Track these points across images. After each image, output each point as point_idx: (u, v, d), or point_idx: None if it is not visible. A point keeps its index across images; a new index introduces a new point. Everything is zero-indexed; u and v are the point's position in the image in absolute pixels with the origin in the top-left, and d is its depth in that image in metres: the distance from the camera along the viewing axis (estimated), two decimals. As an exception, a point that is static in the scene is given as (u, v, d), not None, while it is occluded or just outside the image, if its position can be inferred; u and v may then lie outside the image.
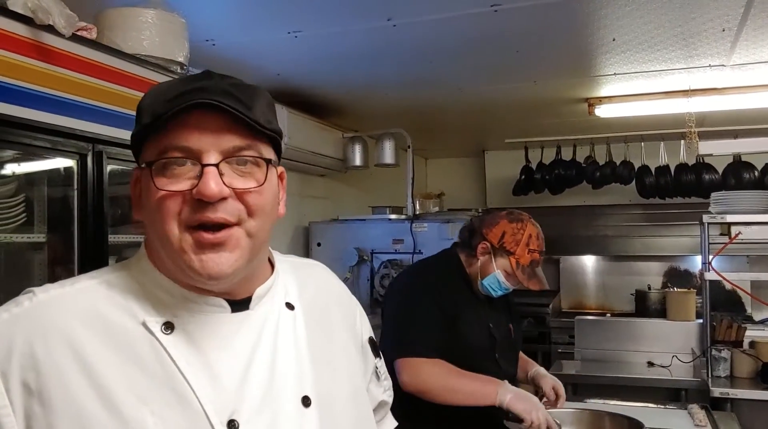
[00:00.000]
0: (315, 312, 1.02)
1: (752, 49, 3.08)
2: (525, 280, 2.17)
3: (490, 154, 6.02)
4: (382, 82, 3.71)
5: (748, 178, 4.58)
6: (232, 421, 0.85)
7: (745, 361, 3.69)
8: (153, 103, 0.87)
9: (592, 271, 5.96)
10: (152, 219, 0.87)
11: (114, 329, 0.86)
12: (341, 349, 1.04)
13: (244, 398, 0.87)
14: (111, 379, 0.83)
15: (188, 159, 0.85)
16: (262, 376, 0.90)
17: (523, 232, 2.18)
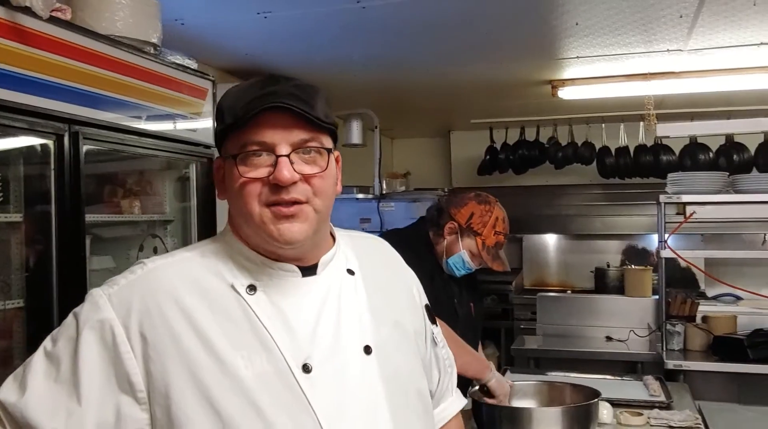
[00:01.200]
0: (373, 276, 1.19)
1: (708, 35, 3.19)
2: (489, 260, 2.24)
3: (455, 135, 6.09)
4: (350, 63, 3.74)
5: (703, 159, 4.73)
6: (306, 365, 1.03)
7: (697, 334, 3.85)
8: (233, 105, 1.05)
9: (554, 249, 6.09)
10: (236, 199, 1.07)
11: (209, 291, 1.06)
12: (399, 309, 1.21)
13: (315, 346, 1.05)
14: (209, 329, 1.02)
15: (264, 151, 1.04)
16: (329, 329, 1.07)
17: (491, 214, 2.24)
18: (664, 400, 2.63)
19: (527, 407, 2.17)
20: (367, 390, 1.07)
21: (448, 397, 1.37)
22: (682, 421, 2.38)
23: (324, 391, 1.03)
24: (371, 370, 1.08)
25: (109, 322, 1.02)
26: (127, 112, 2.20)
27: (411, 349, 1.20)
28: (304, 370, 1.02)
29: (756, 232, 5.16)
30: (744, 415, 2.73)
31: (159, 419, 1.00)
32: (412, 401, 1.15)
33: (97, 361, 1.01)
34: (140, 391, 1.00)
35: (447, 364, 1.35)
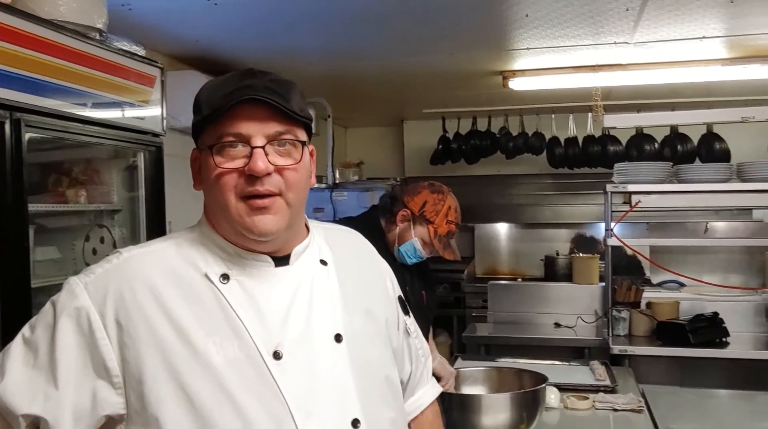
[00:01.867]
0: (346, 267, 1.22)
1: (653, 28, 3.27)
2: (441, 249, 2.27)
3: (408, 124, 6.12)
4: (302, 51, 3.72)
5: (649, 149, 4.85)
6: (277, 352, 1.06)
7: (642, 320, 3.97)
8: (210, 97, 1.09)
9: (505, 238, 6.18)
10: (212, 190, 1.10)
11: (183, 279, 1.09)
12: (371, 298, 1.24)
13: (285, 334, 1.08)
14: (182, 316, 1.06)
15: (240, 142, 1.07)
16: (300, 317, 1.10)
17: (444, 203, 2.27)
18: (609, 384, 2.71)
19: (477, 393, 2.21)
20: (337, 377, 1.10)
21: (423, 386, 1.40)
22: (625, 404, 2.45)
23: (294, 377, 1.06)
24: (341, 358, 1.11)
25: (86, 309, 1.05)
26: (71, 99, 2.15)
27: (382, 338, 1.22)
28: (275, 357, 1.05)
29: (698, 220, 5.31)
30: (684, 397, 2.83)
31: (133, 403, 1.04)
32: (381, 389, 1.18)
33: (74, 348, 1.04)
34: (116, 376, 1.04)
35: (420, 354, 1.38)
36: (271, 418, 1.03)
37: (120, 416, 1.06)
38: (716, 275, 4.95)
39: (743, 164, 4.01)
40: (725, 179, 3.97)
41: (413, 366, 1.35)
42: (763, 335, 4.03)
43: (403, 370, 1.32)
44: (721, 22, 3.19)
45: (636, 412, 2.42)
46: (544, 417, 2.22)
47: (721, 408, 2.78)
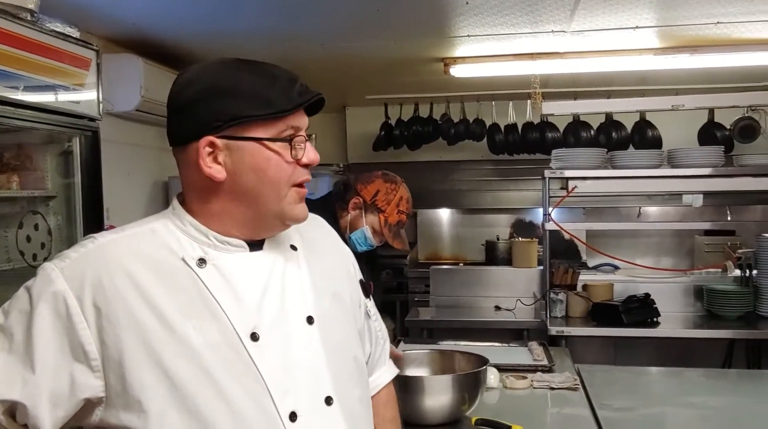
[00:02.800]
0: (314, 251, 1.27)
1: (589, 17, 3.35)
2: (390, 238, 2.32)
3: (351, 111, 6.11)
4: (243, 35, 3.67)
5: (585, 136, 4.97)
6: (254, 333, 1.10)
7: (578, 302, 4.09)
8: (270, 92, 1.11)
9: (447, 223, 6.25)
10: (261, 180, 1.12)
11: (160, 264, 1.11)
12: (338, 281, 1.29)
13: (262, 316, 1.12)
14: (161, 300, 1.08)
15: (299, 135, 1.14)
16: (275, 300, 1.14)
17: (396, 193, 2.32)
18: (547, 363, 2.79)
19: (420, 375, 2.24)
20: (310, 357, 1.15)
21: (381, 367, 1.45)
22: (561, 383, 2.53)
23: (270, 357, 1.10)
24: (314, 339, 1.16)
25: (63, 294, 1.06)
26: (2, 82, 2.08)
27: (348, 319, 1.28)
28: (252, 339, 1.09)
29: (631, 205, 5.50)
30: (618, 375, 2.94)
31: (113, 386, 1.06)
32: (350, 368, 1.23)
33: (51, 332, 1.05)
34: (94, 360, 1.06)
35: (379, 336, 1.44)
36: (250, 397, 1.07)
37: (99, 399, 1.07)
38: (648, 258, 5.14)
39: (674, 151, 4.16)
40: (657, 165, 4.12)
41: (372, 347, 1.41)
42: (691, 315, 4.21)
43: (364, 352, 1.36)
44: (653, 12, 3.29)
45: (572, 390, 2.50)
46: (485, 397, 2.28)
47: (652, 384, 2.90)
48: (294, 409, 1.10)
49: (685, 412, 2.41)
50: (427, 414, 2.10)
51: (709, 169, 4.04)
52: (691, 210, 4.53)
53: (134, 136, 3.92)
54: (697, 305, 4.23)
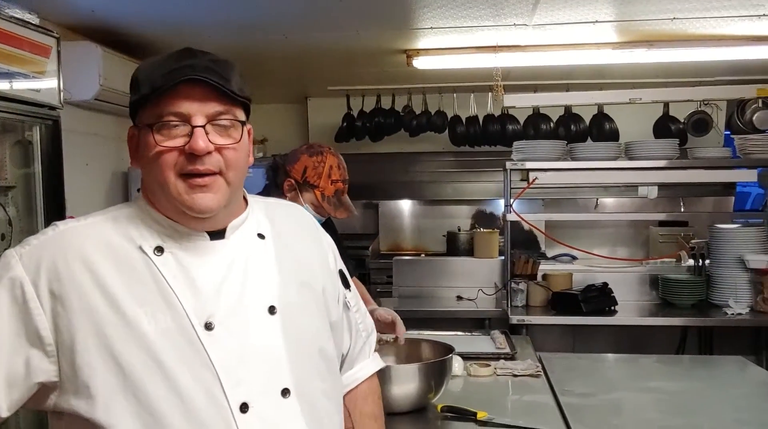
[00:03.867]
0: (285, 240, 1.25)
1: (551, 11, 3.40)
2: (332, 210, 2.25)
3: (312, 101, 6.08)
4: (203, 24, 3.62)
5: (545, 128, 5.04)
6: (209, 323, 1.10)
7: (538, 291, 4.17)
8: (150, 76, 1.10)
9: (409, 214, 6.27)
10: (151, 168, 1.12)
11: (117, 251, 1.12)
12: (309, 271, 1.27)
13: (218, 306, 1.11)
14: (115, 287, 1.09)
15: (180, 121, 1.09)
16: (234, 289, 1.13)
17: (324, 164, 2.24)
18: (509, 351, 2.84)
19: (386, 365, 2.26)
20: (269, 348, 1.14)
21: (363, 360, 1.43)
22: (524, 370, 2.58)
23: (225, 347, 1.09)
24: (274, 330, 1.15)
25: (20, 279, 1.08)
26: (-41, 69, 2.03)
27: (319, 310, 1.25)
28: (206, 328, 1.09)
29: (589, 197, 5.61)
30: (577, 362, 3.01)
31: (66, 371, 1.07)
32: (315, 361, 1.21)
33: (8, 317, 1.07)
34: (49, 345, 1.07)
35: (361, 329, 1.41)
36: (199, 385, 1.07)
37: (53, 384, 1.09)
38: (605, 248, 5.25)
39: (630, 143, 4.26)
40: (614, 157, 4.22)
41: (352, 340, 1.38)
42: (646, 303, 4.33)
43: (342, 344, 1.35)
44: (612, 7, 3.36)
45: (534, 377, 2.55)
46: (450, 385, 2.31)
47: (610, 370, 2.98)
48: (245, 399, 1.09)
49: (642, 397, 2.48)
50: (394, 402, 2.12)
51: (664, 161, 4.15)
52: (646, 201, 4.66)
53: (93, 126, 3.84)
54: (652, 294, 4.35)
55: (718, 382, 2.70)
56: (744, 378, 2.78)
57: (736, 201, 5.85)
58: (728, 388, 2.60)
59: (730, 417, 2.23)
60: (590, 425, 2.10)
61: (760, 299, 3.94)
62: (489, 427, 2.03)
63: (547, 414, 2.16)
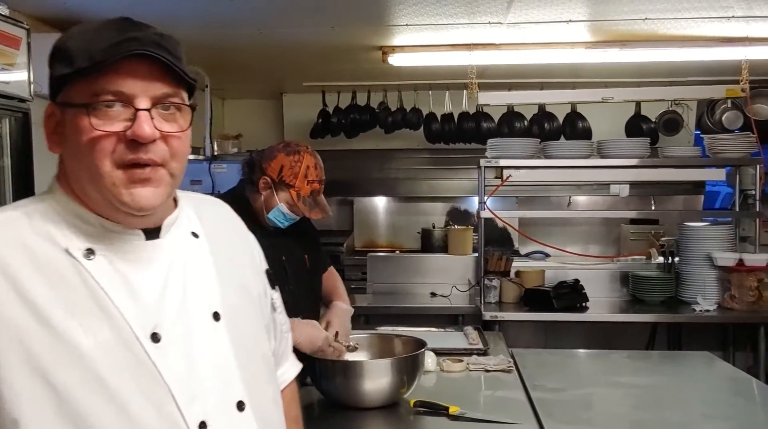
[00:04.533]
0: (217, 240, 1.12)
1: (525, 10, 3.42)
2: (307, 211, 2.23)
3: (288, 97, 6.06)
4: (177, 18, 3.59)
5: (519, 126, 5.08)
6: (155, 334, 0.97)
7: (511, 288, 4.20)
8: (85, 47, 0.94)
9: (383, 211, 6.28)
10: (81, 155, 0.96)
11: (39, 256, 0.96)
12: (244, 273, 1.17)
13: (163, 314, 0.98)
14: (40, 297, 0.93)
15: (121, 103, 0.94)
16: (177, 295, 1.01)
17: (301, 164, 2.22)
18: (482, 347, 2.86)
19: (359, 360, 2.27)
20: (218, 357, 1.03)
21: (285, 363, 1.34)
22: (496, 365, 2.61)
23: (175, 360, 0.98)
24: (221, 337, 1.05)
25: None
26: (-74, 60, 1.99)
27: (256, 314, 1.17)
28: (153, 339, 0.96)
29: (562, 195, 5.67)
30: (549, 357, 3.05)
31: None
32: (260, 367, 1.13)
33: None
34: None
35: (284, 330, 1.33)
36: (151, 404, 0.95)
37: None
38: (577, 245, 5.31)
39: (603, 142, 4.32)
40: (587, 155, 4.26)
41: (277, 342, 1.28)
42: (617, 300, 4.38)
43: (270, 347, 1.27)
44: (585, 7, 3.39)
45: (506, 372, 2.58)
46: (422, 380, 2.33)
47: (581, 366, 3.02)
48: (203, 417, 0.98)
49: (612, 392, 2.52)
50: (367, 397, 2.13)
51: (635, 160, 4.21)
52: (618, 199, 4.72)
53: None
54: (622, 291, 4.41)
55: (685, 377, 2.75)
56: (711, 373, 2.83)
57: (705, 200, 5.95)
58: (696, 382, 2.66)
59: (697, 411, 2.28)
60: (561, 419, 2.13)
61: (728, 296, 4.02)
62: (461, 421, 2.04)
63: (519, 409, 2.19)
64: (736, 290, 3.98)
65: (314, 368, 2.19)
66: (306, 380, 2.27)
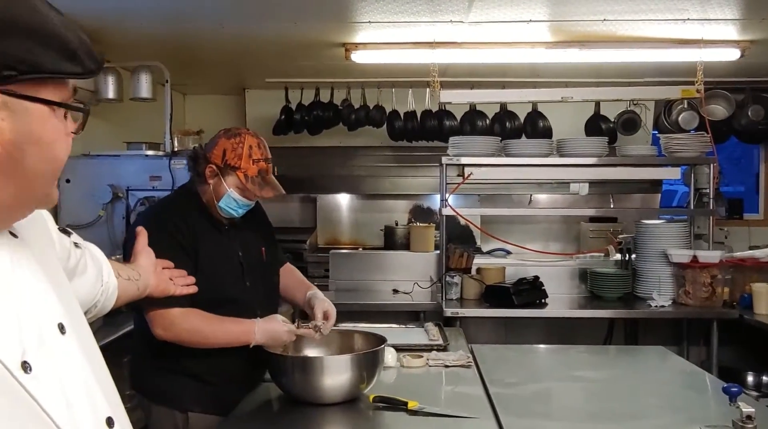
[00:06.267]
0: (26, 233, 0.96)
1: (485, 9, 3.45)
2: (257, 190, 2.20)
3: (250, 93, 6.02)
4: (138, 11, 3.54)
5: (481, 125, 5.12)
6: (25, 363, 0.82)
7: (472, 285, 4.24)
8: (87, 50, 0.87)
9: (346, 208, 6.27)
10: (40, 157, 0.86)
11: None
12: (54, 264, 1.04)
13: (25, 336, 0.84)
14: None
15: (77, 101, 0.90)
16: (28, 311, 0.86)
17: (243, 145, 2.19)
18: (442, 343, 2.88)
19: (318, 356, 2.27)
20: (79, 374, 0.91)
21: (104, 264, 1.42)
22: (455, 360, 2.63)
23: (50, 388, 0.84)
24: (73, 352, 0.92)
25: None
26: None
27: (80, 310, 1.05)
28: (24, 369, 0.81)
29: (523, 193, 5.74)
30: (508, 353, 3.08)
31: None
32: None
33: None
34: None
35: (96, 254, 1.39)
36: None
37: None
38: (538, 243, 5.37)
39: (562, 141, 4.38)
40: (547, 154, 4.32)
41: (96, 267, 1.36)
42: (576, 296, 4.46)
43: (92, 283, 1.34)
44: (545, 7, 3.44)
45: (465, 368, 2.60)
46: (383, 376, 2.33)
47: (539, 361, 3.06)
48: None
49: (570, 386, 2.56)
50: (326, 393, 2.12)
51: (595, 158, 4.28)
52: (577, 198, 4.80)
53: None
54: (581, 287, 4.49)
55: (641, 370, 2.81)
56: (665, 367, 2.89)
57: (663, 198, 6.08)
58: (650, 376, 2.71)
59: (650, 403, 2.32)
60: (517, 413, 2.15)
61: (682, 292, 4.11)
62: (419, 416, 2.05)
63: (477, 403, 2.20)
64: (690, 286, 4.07)
65: (273, 364, 2.18)
66: (265, 376, 2.27)
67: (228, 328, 2.17)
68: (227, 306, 2.18)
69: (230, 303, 2.21)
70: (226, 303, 2.19)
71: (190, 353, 2.17)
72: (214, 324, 2.14)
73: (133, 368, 2.39)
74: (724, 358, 4.22)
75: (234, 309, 2.20)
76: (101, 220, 4.09)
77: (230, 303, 2.21)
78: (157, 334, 2.09)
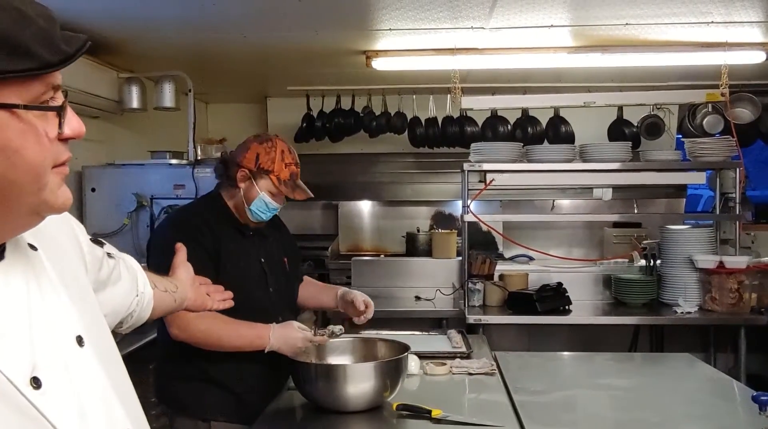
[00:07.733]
0: (48, 244, 0.94)
1: (507, 15, 3.45)
2: (290, 192, 2.25)
3: (272, 101, 6.06)
4: (161, 22, 3.59)
5: (502, 130, 5.11)
6: (35, 378, 0.80)
7: (495, 291, 4.22)
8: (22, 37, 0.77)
9: (368, 215, 6.28)
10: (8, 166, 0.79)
11: None
12: (79, 277, 1.03)
13: (37, 352, 0.82)
14: None
15: (56, 98, 0.83)
16: (43, 325, 0.85)
17: (275, 149, 2.24)
18: (465, 350, 2.87)
19: (342, 364, 2.27)
20: (97, 389, 0.90)
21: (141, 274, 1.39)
22: (479, 368, 2.61)
23: (62, 405, 0.83)
24: (91, 366, 0.91)
25: None
26: None
27: (104, 322, 1.05)
28: (35, 386, 0.80)
29: (546, 198, 5.71)
30: (532, 360, 3.06)
31: None
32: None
33: None
34: None
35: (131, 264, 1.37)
36: None
37: None
38: (561, 249, 5.34)
39: (585, 146, 4.34)
40: (570, 159, 4.29)
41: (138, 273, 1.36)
42: (600, 303, 4.41)
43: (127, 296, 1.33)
44: (567, 12, 3.43)
45: (489, 375, 2.58)
46: (406, 383, 2.32)
47: (564, 368, 3.03)
48: None
49: (595, 394, 2.53)
50: (350, 401, 2.12)
51: (618, 164, 4.24)
52: (600, 203, 4.75)
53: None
54: (605, 293, 4.44)
55: (667, 378, 2.77)
56: (692, 374, 2.85)
57: (687, 203, 6.01)
58: (677, 384, 2.67)
59: (678, 411, 2.29)
60: (543, 422, 2.14)
61: (709, 298, 4.05)
62: (443, 424, 2.04)
63: (501, 411, 2.19)
64: (716, 292, 4.02)
65: (297, 372, 2.18)
66: (289, 384, 2.28)
67: (242, 331, 2.18)
68: (249, 311, 2.19)
69: (253, 307, 2.21)
70: (249, 307, 2.20)
71: (214, 359, 2.19)
72: (229, 326, 2.15)
73: (156, 376, 2.41)
74: (752, 366, 4.15)
75: (256, 314, 2.21)
76: (126, 228, 4.14)
77: (253, 307, 2.21)
78: (172, 333, 2.10)
